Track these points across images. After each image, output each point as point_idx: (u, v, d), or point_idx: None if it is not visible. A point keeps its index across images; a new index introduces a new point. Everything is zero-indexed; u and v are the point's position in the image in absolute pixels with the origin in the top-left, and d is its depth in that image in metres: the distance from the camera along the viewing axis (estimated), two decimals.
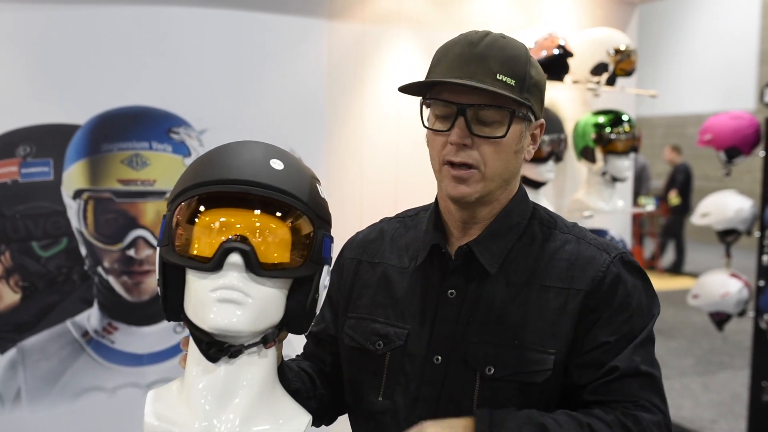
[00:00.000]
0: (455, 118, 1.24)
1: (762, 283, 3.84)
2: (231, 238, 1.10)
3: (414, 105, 1.35)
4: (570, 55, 3.26)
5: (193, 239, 1.13)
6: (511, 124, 1.24)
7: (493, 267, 1.30)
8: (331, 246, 1.20)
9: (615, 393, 1.23)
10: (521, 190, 1.37)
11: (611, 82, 3.44)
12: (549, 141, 3.17)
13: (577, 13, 3.73)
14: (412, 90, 1.29)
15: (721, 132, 3.93)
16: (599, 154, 3.43)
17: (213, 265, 1.10)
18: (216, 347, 1.13)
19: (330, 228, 1.21)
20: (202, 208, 1.13)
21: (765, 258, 3.83)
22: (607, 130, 3.40)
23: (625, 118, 3.45)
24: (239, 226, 1.11)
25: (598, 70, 3.42)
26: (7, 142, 2.69)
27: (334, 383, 1.45)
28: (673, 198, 9.80)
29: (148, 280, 2.88)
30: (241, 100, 2.97)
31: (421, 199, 1.52)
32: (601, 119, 3.44)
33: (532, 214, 1.37)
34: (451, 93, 1.25)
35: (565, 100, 3.65)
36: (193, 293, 1.13)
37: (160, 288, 1.17)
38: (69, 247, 2.78)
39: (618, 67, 3.40)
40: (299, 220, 1.15)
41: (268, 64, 3.02)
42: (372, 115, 3.24)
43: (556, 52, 3.19)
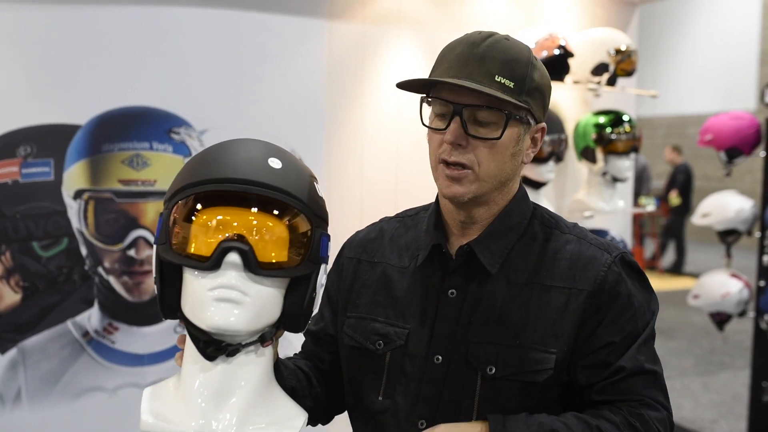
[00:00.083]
0: (452, 117, 1.24)
1: (762, 283, 3.84)
2: (229, 237, 1.10)
3: (414, 105, 1.35)
4: (570, 55, 3.26)
5: (191, 238, 1.12)
6: (506, 126, 1.24)
7: (494, 267, 1.30)
8: (328, 245, 1.20)
9: (621, 392, 1.25)
10: (521, 190, 1.37)
11: (612, 82, 3.44)
12: (549, 141, 3.17)
13: (577, 13, 3.73)
14: (412, 87, 1.29)
15: (721, 132, 3.93)
16: (600, 154, 3.43)
17: (211, 264, 1.09)
18: (213, 346, 1.14)
19: (327, 226, 1.21)
20: (199, 207, 1.12)
21: (765, 258, 3.83)
22: (608, 130, 3.40)
23: (625, 118, 3.45)
24: (237, 225, 1.11)
25: (599, 70, 3.42)
26: (8, 143, 2.69)
27: (331, 382, 1.45)
28: (674, 198, 9.80)
29: (149, 281, 2.87)
30: (242, 100, 2.97)
31: (421, 199, 1.52)
32: (602, 119, 3.44)
33: (533, 214, 1.37)
34: (450, 92, 1.25)
35: (566, 100, 3.65)
36: (191, 292, 1.13)
37: (157, 286, 1.16)
38: (69, 247, 2.78)
39: (618, 67, 3.40)
40: (297, 219, 1.14)
41: (268, 64, 3.02)
42: (372, 115, 3.24)
43: (557, 52, 3.19)
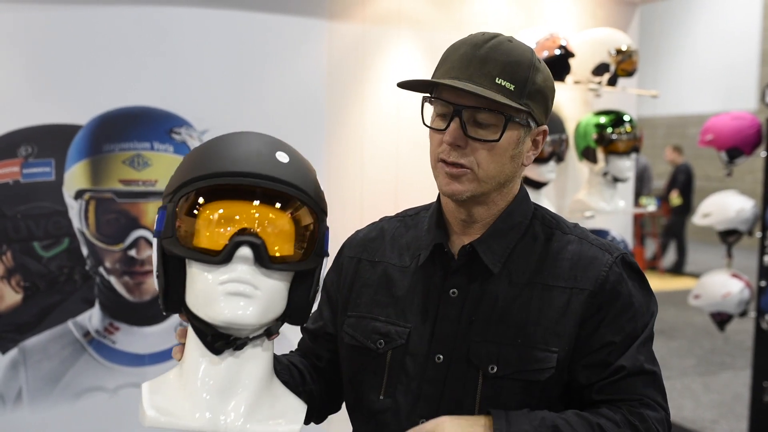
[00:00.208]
0: (451, 118, 1.24)
1: (763, 283, 3.84)
2: (242, 230, 1.10)
3: (414, 105, 1.35)
4: (571, 55, 3.26)
5: (200, 231, 1.11)
6: (505, 128, 1.24)
7: (496, 266, 1.31)
8: (329, 238, 1.21)
9: (621, 391, 1.25)
10: (522, 190, 1.37)
11: (612, 82, 3.44)
12: (550, 141, 3.17)
13: (577, 13, 3.73)
14: (414, 87, 1.30)
15: (722, 132, 3.93)
16: (600, 154, 3.43)
17: (222, 257, 1.09)
18: (222, 340, 1.13)
19: (326, 219, 1.21)
20: (207, 200, 1.12)
21: (766, 258, 3.83)
22: (609, 130, 3.40)
23: (626, 118, 3.45)
24: (249, 219, 1.11)
25: (600, 70, 3.42)
26: (9, 143, 2.69)
27: (327, 380, 1.45)
28: (675, 198, 9.79)
29: (150, 281, 2.87)
30: (242, 100, 2.97)
31: (421, 199, 1.51)
32: (603, 119, 3.43)
33: (534, 214, 1.37)
34: (451, 93, 1.25)
35: (567, 100, 3.65)
36: (199, 286, 1.12)
37: (160, 280, 1.15)
38: (70, 247, 2.79)
39: (619, 67, 3.40)
40: (305, 213, 1.15)
41: (268, 64, 3.02)
42: (372, 115, 3.24)
43: (558, 52, 3.19)
